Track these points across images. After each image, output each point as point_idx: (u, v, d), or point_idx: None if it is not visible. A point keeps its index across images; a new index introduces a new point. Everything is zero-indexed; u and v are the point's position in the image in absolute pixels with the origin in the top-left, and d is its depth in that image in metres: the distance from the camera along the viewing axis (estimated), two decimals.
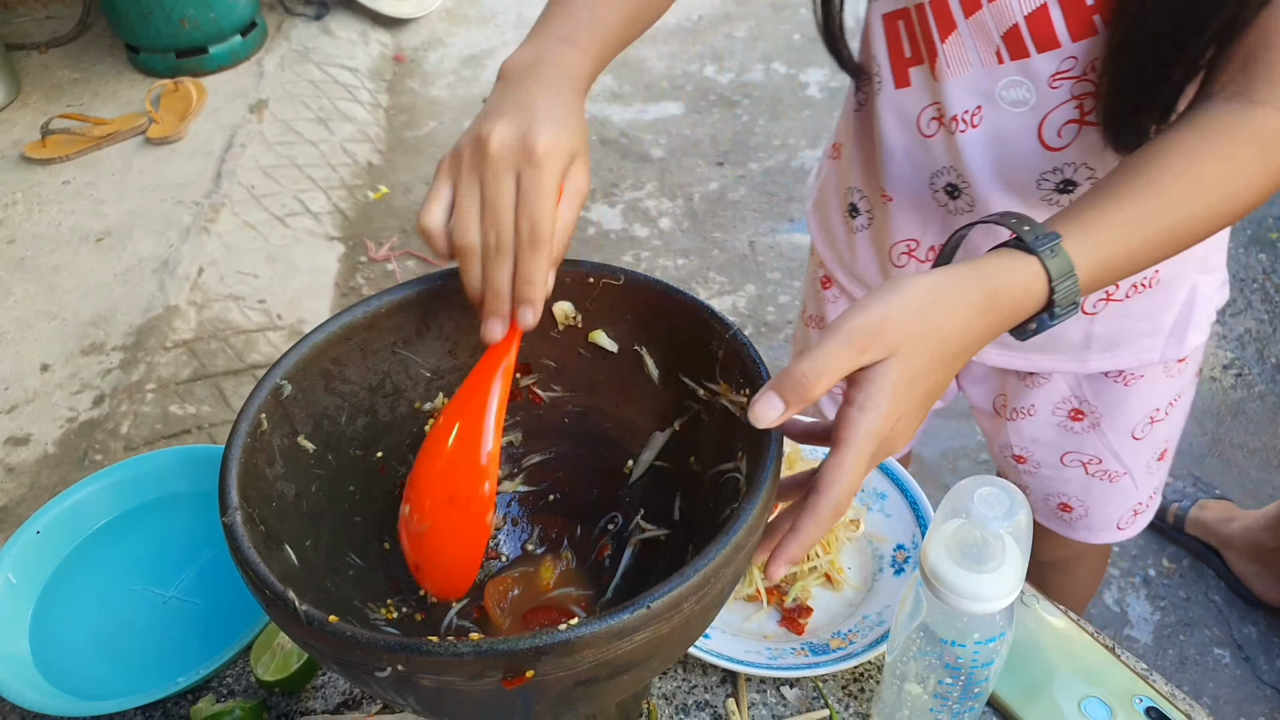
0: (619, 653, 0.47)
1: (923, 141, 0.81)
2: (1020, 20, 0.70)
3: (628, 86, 3.28)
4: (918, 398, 0.53)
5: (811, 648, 0.75)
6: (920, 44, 0.77)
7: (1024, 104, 0.74)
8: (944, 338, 0.53)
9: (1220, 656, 1.69)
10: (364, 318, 0.64)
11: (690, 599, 0.47)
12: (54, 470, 1.91)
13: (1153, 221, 0.60)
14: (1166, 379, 0.93)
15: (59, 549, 0.82)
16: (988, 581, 0.57)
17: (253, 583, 0.50)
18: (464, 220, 0.55)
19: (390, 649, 0.45)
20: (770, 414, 0.50)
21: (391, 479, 0.69)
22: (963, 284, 0.54)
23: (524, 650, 0.44)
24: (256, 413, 0.58)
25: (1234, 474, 1.99)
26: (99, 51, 3.12)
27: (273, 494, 0.58)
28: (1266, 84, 0.62)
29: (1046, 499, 1.05)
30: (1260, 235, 2.57)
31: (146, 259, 2.34)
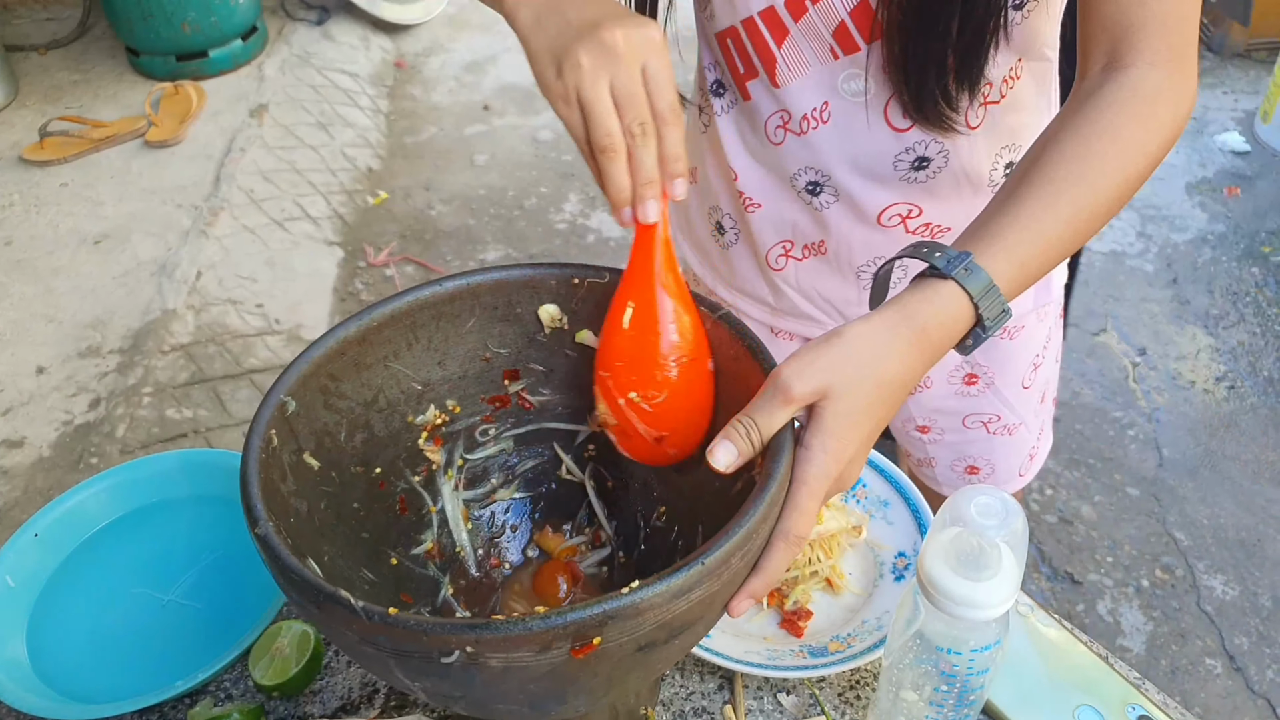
0: (676, 612, 0.48)
1: (774, 150, 0.83)
2: (845, 17, 0.72)
3: None
4: (864, 436, 0.56)
5: (810, 650, 0.75)
6: (753, 57, 0.78)
7: (864, 93, 0.76)
8: (881, 379, 0.56)
9: (1212, 667, 1.70)
10: (357, 331, 0.65)
11: (737, 554, 0.50)
12: (49, 474, 1.90)
13: (1057, 212, 0.61)
14: (1039, 324, 0.96)
15: (57, 552, 0.82)
16: (984, 589, 0.57)
17: (298, 588, 0.49)
18: (605, 121, 0.56)
19: (459, 630, 0.45)
20: (726, 459, 0.55)
21: (390, 494, 0.69)
22: (891, 328, 0.57)
23: (593, 616, 0.45)
24: (266, 428, 0.58)
25: (1227, 486, 2.00)
26: (99, 54, 3.12)
27: (289, 509, 0.58)
28: (1129, 46, 0.64)
29: (953, 465, 1.07)
30: (1253, 249, 2.59)
31: (145, 262, 2.35)
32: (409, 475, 0.71)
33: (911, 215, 0.83)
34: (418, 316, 0.67)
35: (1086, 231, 0.63)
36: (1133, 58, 0.64)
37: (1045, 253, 0.62)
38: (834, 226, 0.85)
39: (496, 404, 0.73)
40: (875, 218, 0.83)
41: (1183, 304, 2.44)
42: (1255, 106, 3.07)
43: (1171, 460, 2.05)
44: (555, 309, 0.70)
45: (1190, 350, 2.31)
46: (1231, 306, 2.42)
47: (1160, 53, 0.64)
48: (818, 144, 0.80)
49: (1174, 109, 0.65)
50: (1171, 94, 0.64)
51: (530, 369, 0.72)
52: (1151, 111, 0.64)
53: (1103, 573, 1.85)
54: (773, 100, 0.80)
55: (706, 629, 0.56)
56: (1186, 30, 0.65)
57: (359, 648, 0.50)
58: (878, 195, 0.82)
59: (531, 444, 0.75)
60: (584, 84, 0.56)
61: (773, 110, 0.81)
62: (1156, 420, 2.14)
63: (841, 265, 0.89)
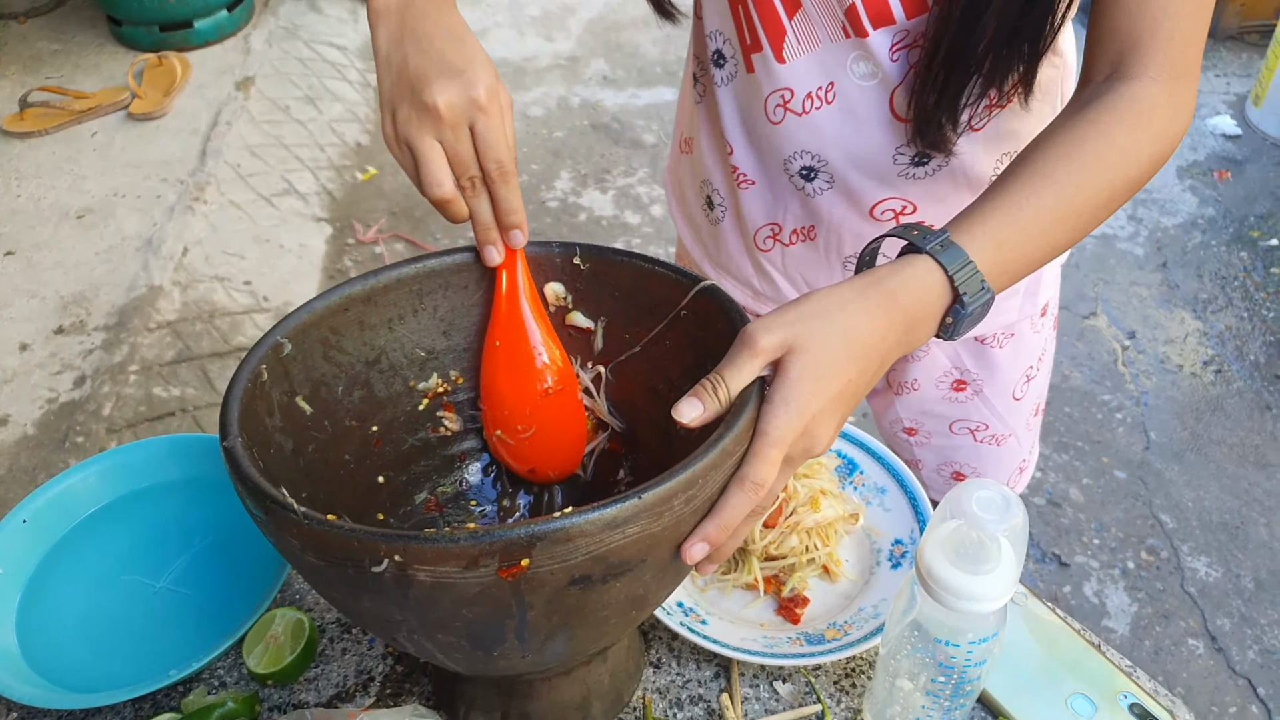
0: (612, 545, 0.48)
1: (772, 128, 0.81)
2: (857, 0, 0.71)
3: (620, 71, 3.26)
4: (832, 395, 0.55)
5: (807, 638, 0.75)
6: (759, 29, 0.77)
7: (873, 77, 0.75)
8: (848, 336, 0.55)
9: (1194, 648, 1.72)
10: (363, 291, 0.66)
11: (679, 496, 0.49)
12: (34, 452, 1.89)
13: (1043, 203, 0.61)
14: (1034, 335, 0.96)
15: (47, 538, 0.81)
16: (983, 583, 0.57)
17: (252, 494, 0.50)
18: (438, 175, 0.61)
19: (388, 539, 0.46)
20: (691, 413, 0.54)
21: (385, 455, 0.70)
22: (859, 289, 0.57)
23: (520, 537, 0.46)
24: (257, 363, 0.59)
25: (1212, 469, 2.02)
26: (79, 23, 3.06)
27: (271, 442, 0.59)
28: (1135, 59, 0.65)
29: (940, 470, 1.07)
30: (1241, 234, 2.60)
31: (130, 237, 2.31)
32: (408, 438, 0.71)
33: (905, 212, 0.82)
34: (425, 284, 0.68)
35: (1072, 229, 0.63)
36: (1138, 70, 0.65)
37: (1028, 241, 0.61)
38: (825, 214, 0.85)
39: None
40: (868, 210, 0.82)
41: (1172, 288, 2.45)
42: (1247, 90, 3.07)
43: (1158, 443, 2.07)
44: (560, 287, 0.70)
45: (1179, 334, 2.32)
46: (1220, 291, 2.43)
47: (1164, 69, 0.64)
48: (818, 126, 0.79)
49: (1170, 124, 0.65)
50: (1170, 109, 0.65)
51: None
52: (1148, 122, 0.64)
53: (1089, 555, 1.87)
54: (776, 77, 0.78)
55: (655, 580, 0.55)
56: (1192, 50, 0.65)
57: (302, 557, 0.51)
58: (873, 187, 0.81)
59: None
60: (412, 137, 0.60)
61: (775, 87, 0.79)
62: (1144, 403, 2.16)
63: (829, 254, 0.88)
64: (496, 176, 0.62)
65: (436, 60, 0.60)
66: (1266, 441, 2.07)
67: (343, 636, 0.78)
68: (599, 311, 0.70)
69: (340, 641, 0.77)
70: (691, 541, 0.54)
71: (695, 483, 0.50)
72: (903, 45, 0.73)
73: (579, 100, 3.13)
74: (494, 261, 0.66)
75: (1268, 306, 2.37)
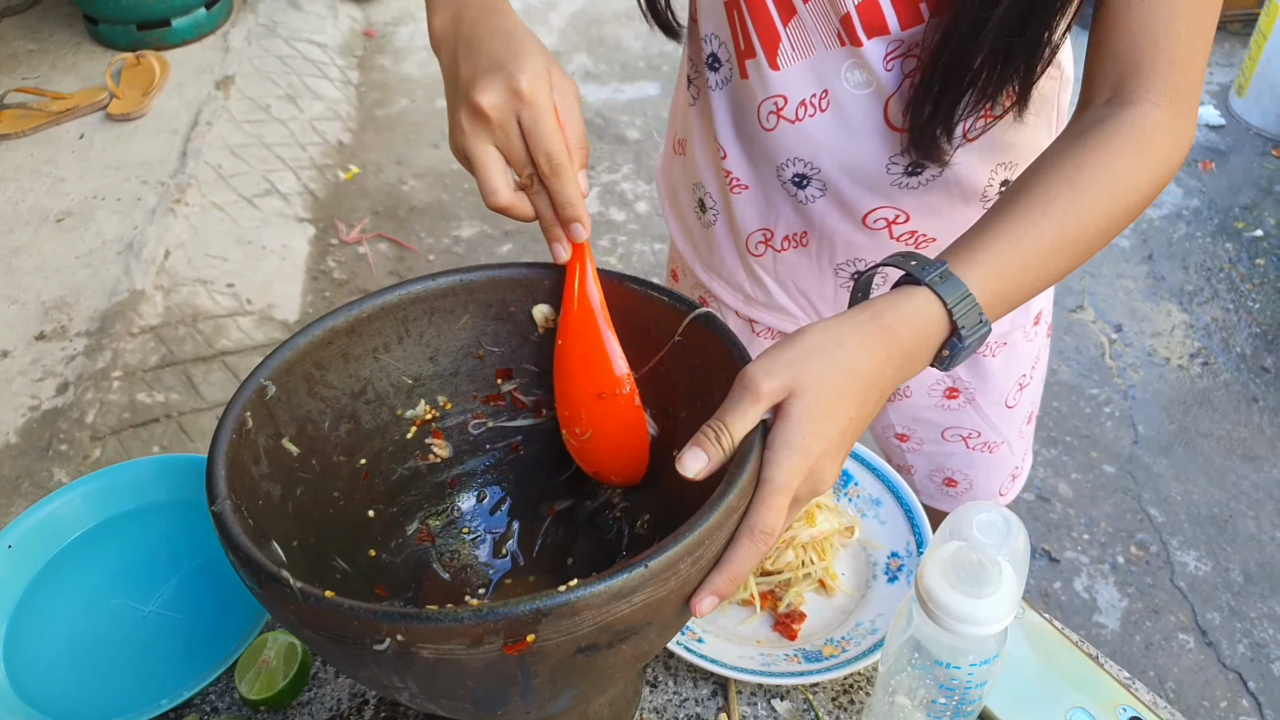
0: (618, 615, 0.47)
1: (765, 134, 0.80)
2: (851, 9, 0.70)
3: (603, 66, 3.24)
4: (834, 433, 0.54)
5: (804, 654, 0.75)
6: (754, 35, 0.76)
7: (867, 85, 0.74)
8: (848, 374, 0.54)
9: (1185, 642, 1.73)
10: (345, 322, 0.64)
11: (686, 560, 0.49)
12: (17, 460, 1.86)
13: (1042, 232, 0.61)
14: (1026, 343, 0.96)
15: (32, 563, 0.80)
16: (984, 606, 0.57)
17: (245, 565, 0.49)
18: (490, 183, 0.60)
19: (390, 618, 0.45)
20: (695, 466, 0.53)
21: (373, 488, 0.68)
22: (856, 323, 0.56)
23: (525, 613, 0.45)
24: (241, 410, 0.57)
25: (1200, 463, 2.03)
26: (56, 22, 3.01)
27: (259, 491, 0.58)
28: (1136, 83, 0.64)
29: (931, 476, 1.07)
30: (1226, 225, 2.61)
31: (110, 240, 2.28)
32: (396, 469, 0.70)
33: (898, 221, 0.81)
34: (410, 310, 0.67)
35: (1071, 256, 0.63)
36: (1139, 95, 0.64)
37: (1026, 272, 0.61)
38: (818, 221, 0.84)
39: (489, 402, 0.72)
40: (861, 218, 0.82)
41: (1158, 280, 2.46)
42: (1230, 79, 3.09)
43: (1146, 437, 2.08)
44: (549, 309, 0.69)
45: (1165, 326, 2.33)
46: (1206, 282, 2.44)
47: (1166, 93, 0.64)
48: (811, 134, 0.78)
49: (1171, 150, 0.64)
50: (1171, 135, 0.64)
51: (524, 369, 0.71)
52: (1149, 149, 0.63)
53: (1079, 550, 1.88)
54: (770, 83, 0.77)
55: (661, 636, 0.55)
56: (1193, 74, 0.64)
57: (301, 631, 0.50)
58: (866, 196, 0.80)
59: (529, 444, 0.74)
60: (467, 146, 0.59)
61: (768, 94, 0.78)
62: (1132, 397, 2.17)
63: (821, 260, 0.87)
64: (547, 170, 0.59)
65: (484, 61, 0.59)
66: (1254, 434, 2.08)
67: None
68: None
69: (333, 666, 0.76)
70: (701, 595, 0.53)
71: (701, 543, 0.49)
72: (897, 55, 0.72)
73: None
74: (560, 259, 0.64)
75: (1253, 298, 2.39)
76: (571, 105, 0.60)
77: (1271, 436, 2.07)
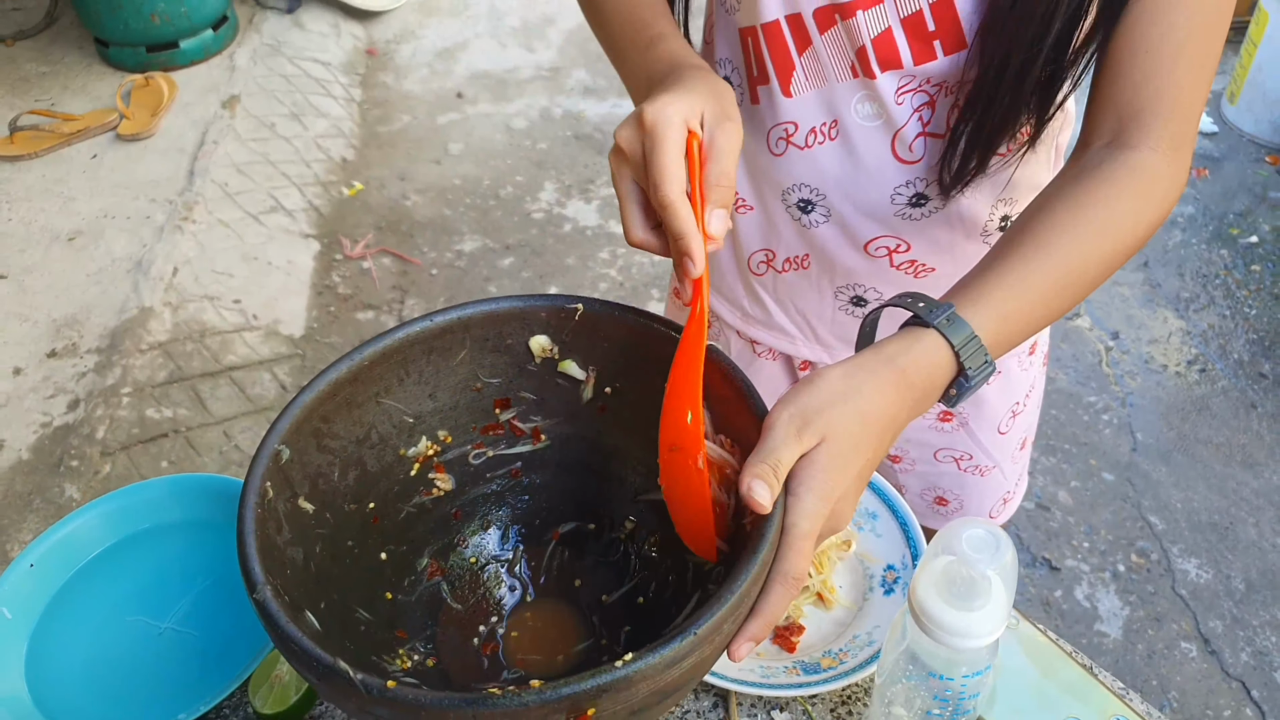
0: (669, 680, 0.49)
1: (773, 159, 0.82)
2: (867, 42, 0.72)
3: (601, 81, 3.27)
4: (853, 477, 0.57)
5: (803, 666, 0.77)
6: (768, 62, 0.77)
7: (876, 118, 0.76)
8: (867, 420, 0.57)
9: (1187, 650, 1.74)
10: (348, 372, 0.65)
11: (729, 620, 0.51)
12: (29, 477, 1.89)
13: (1044, 275, 0.63)
14: (1021, 372, 0.98)
15: (52, 582, 0.82)
16: (975, 619, 0.59)
17: (299, 659, 0.50)
18: (625, 223, 0.61)
19: (456, 705, 0.46)
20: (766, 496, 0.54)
21: (383, 530, 0.70)
22: (873, 370, 0.58)
23: (587, 690, 0.46)
24: (261, 481, 0.58)
25: (1199, 469, 2.04)
26: (67, 45, 3.06)
27: (286, 561, 0.59)
28: (1137, 129, 0.66)
29: (923, 494, 1.09)
30: (1221, 231, 2.63)
31: (120, 259, 2.31)
32: (402, 508, 0.71)
33: (899, 250, 0.83)
34: (409, 352, 0.68)
35: (1070, 298, 0.65)
36: (1139, 140, 0.66)
37: (1030, 312, 0.63)
38: (820, 246, 0.86)
39: (488, 431, 0.74)
40: (863, 245, 0.84)
41: (1154, 287, 2.48)
42: (1222, 87, 3.11)
43: (1145, 445, 2.09)
44: (546, 339, 0.70)
45: (1162, 334, 2.35)
46: (1202, 289, 2.46)
47: (1164, 139, 0.66)
48: (819, 161, 0.80)
49: (1167, 194, 0.66)
50: (1168, 180, 0.66)
51: (521, 397, 0.73)
52: (1148, 193, 0.65)
53: (1080, 558, 1.89)
54: (781, 110, 0.79)
55: (694, 685, 0.57)
56: (1192, 122, 0.67)
57: (365, 713, 0.50)
58: (869, 225, 0.82)
59: (531, 471, 0.76)
60: (615, 186, 0.61)
61: (779, 120, 0.80)
62: (1130, 404, 2.18)
63: (821, 283, 0.89)
64: (656, 202, 0.57)
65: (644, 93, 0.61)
66: (1253, 440, 2.09)
67: None
68: (588, 362, 0.71)
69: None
70: (739, 644, 0.55)
71: (742, 602, 0.51)
72: (908, 90, 0.74)
73: (561, 111, 3.14)
74: (681, 297, 0.60)
75: (1249, 304, 2.40)
76: (721, 141, 0.59)
77: (1270, 443, 2.09)
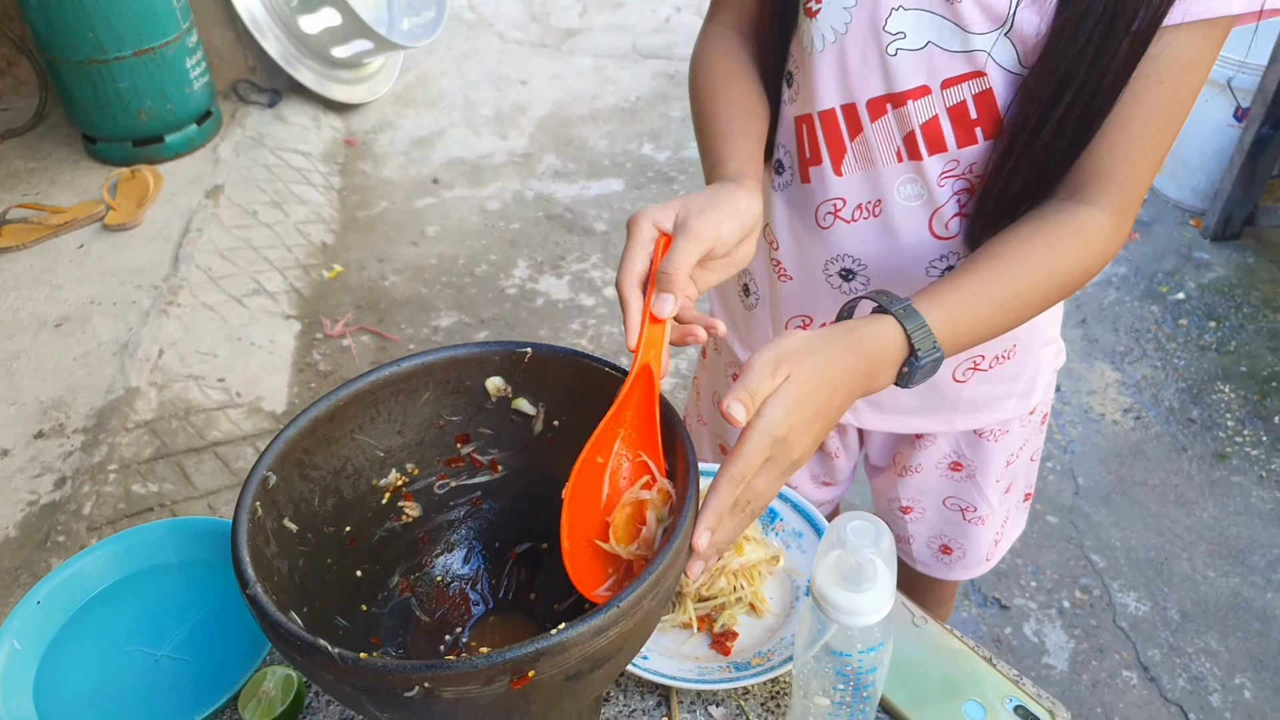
0: (598, 647, 0.59)
1: (819, 233, 0.94)
2: (917, 128, 0.84)
3: (571, 165, 3.46)
4: (809, 416, 0.68)
5: (735, 666, 0.86)
6: (821, 145, 0.89)
7: (918, 199, 0.88)
8: (827, 372, 0.69)
9: (1129, 678, 1.83)
10: (326, 410, 0.75)
11: (647, 596, 0.61)
12: (15, 554, 1.95)
13: (994, 291, 0.77)
14: (1021, 429, 1.10)
15: (58, 616, 0.90)
16: (865, 599, 0.69)
17: (284, 639, 0.59)
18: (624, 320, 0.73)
19: (418, 669, 0.55)
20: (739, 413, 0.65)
21: (358, 551, 0.79)
22: (834, 337, 0.71)
23: (527, 654, 0.56)
24: (252, 501, 0.68)
25: (1136, 510, 2.16)
26: (55, 141, 3.20)
27: (273, 570, 0.68)
28: (1094, 190, 0.80)
29: (929, 543, 1.19)
30: (1152, 289, 2.80)
31: (106, 342, 2.41)
32: (376, 531, 0.81)
33: None
34: (379, 394, 0.77)
35: (1015, 317, 0.79)
36: (1093, 198, 0.79)
37: (976, 318, 0.76)
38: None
39: (451, 464, 0.84)
40: None
41: (1092, 342, 2.63)
42: None
43: (1086, 488, 2.21)
44: (500, 380, 0.81)
45: (1099, 385, 2.49)
46: (1135, 343, 2.62)
47: (1114, 204, 0.79)
48: (863, 235, 0.91)
49: (1107, 247, 0.80)
50: (1109, 237, 0.80)
51: (479, 433, 0.83)
52: (1092, 242, 0.79)
53: (1028, 596, 1.99)
54: (831, 187, 0.90)
55: (626, 658, 0.66)
56: (1139, 193, 0.80)
57: (337, 687, 0.59)
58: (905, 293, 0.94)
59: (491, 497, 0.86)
60: None
61: (828, 196, 0.91)
62: (1071, 451, 2.31)
63: None
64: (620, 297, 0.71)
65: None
66: (1184, 481, 2.22)
67: None
68: (537, 399, 0.81)
69: (325, 695, 0.87)
70: (698, 533, 0.65)
71: (659, 581, 0.61)
72: (951, 175, 0.86)
73: (533, 193, 3.31)
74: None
75: (1178, 356, 2.56)
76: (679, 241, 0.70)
77: (1201, 483, 2.21)
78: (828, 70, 0.85)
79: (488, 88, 3.89)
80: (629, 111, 3.73)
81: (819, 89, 0.86)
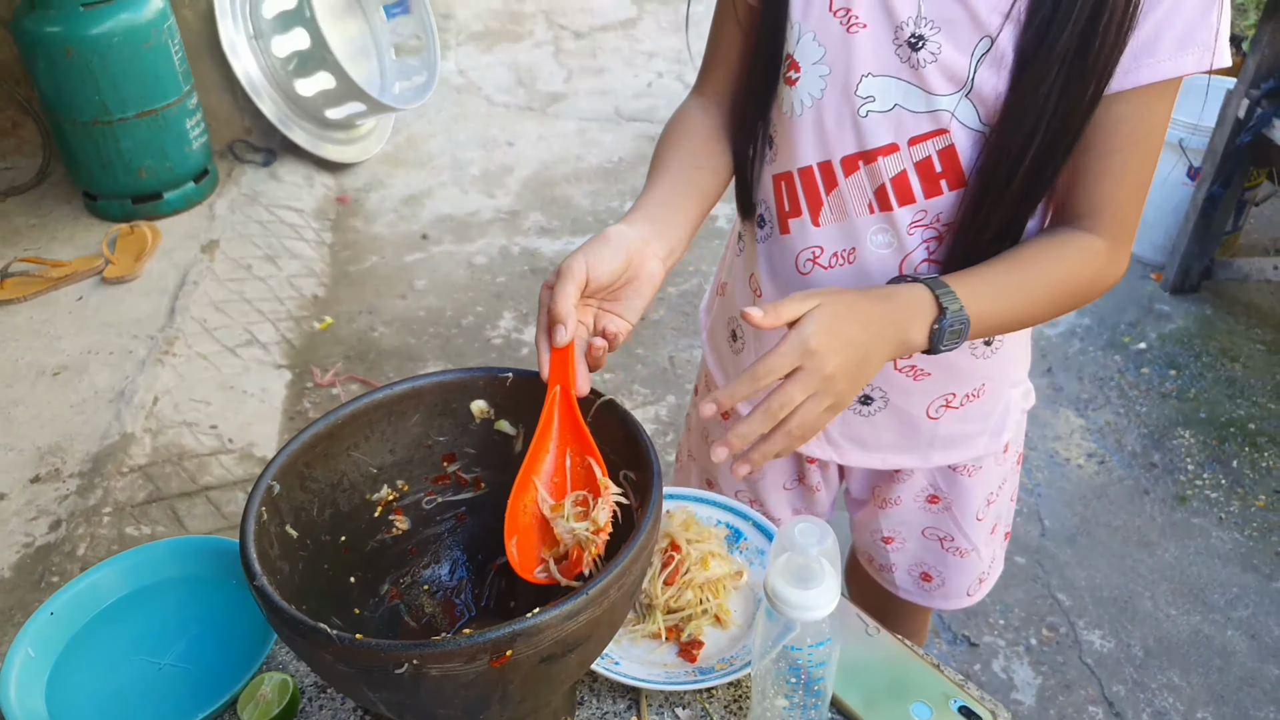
0: (569, 631, 0.65)
1: (800, 279, 1.00)
2: (887, 181, 0.93)
3: (555, 222, 3.58)
4: (841, 338, 0.76)
5: (700, 671, 0.93)
6: (800, 199, 0.96)
7: (888, 246, 0.97)
8: (859, 304, 0.79)
9: (1094, 714, 1.89)
10: (325, 429, 0.82)
11: (614, 587, 0.67)
12: (10, 594, 1.99)
13: (1010, 289, 0.87)
14: (996, 467, 1.17)
15: (70, 627, 0.96)
16: (813, 595, 0.77)
17: (288, 623, 0.65)
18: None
19: (407, 648, 0.62)
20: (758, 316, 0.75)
21: (352, 560, 0.86)
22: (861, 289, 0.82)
23: (504, 635, 0.63)
24: (259, 506, 0.75)
25: (1100, 550, 2.24)
26: (56, 199, 3.30)
27: (275, 569, 0.75)
28: (1093, 222, 0.90)
29: (910, 570, 1.26)
30: (1115, 339, 2.92)
31: (103, 390, 2.48)
32: (368, 543, 0.88)
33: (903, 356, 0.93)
34: (373, 415, 0.85)
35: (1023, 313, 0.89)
36: (1094, 228, 0.89)
37: (992, 303, 0.85)
38: None
39: (438, 481, 0.91)
40: None
41: (1057, 390, 2.74)
42: None
43: (1053, 530, 2.29)
44: (484, 403, 0.88)
45: (1065, 431, 2.59)
46: (1098, 391, 2.72)
47: (1110, 232, 0.89)
48: (841, 280, 0.98)
49: (1108, 267, 0.90)
50: (1110, 259, 0.90)
51: (464, 452, 0.90)
52: (1093, 261, 0.90)
53: (996, 634, 2.05)
54: (810, 236, 0.97)
55: (597, 647, 0.73)
56: (1131, 222, 0.90)
57: (334, 667, 0.66)
58: None
59: (473, 513, 0.93)
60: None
61: (807, 245, 0.98)
62: (1038, 494, 2.39)
63: None
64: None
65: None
66: (1146, 522, 2.30)
67: (320, 695, 0.93)
68: (518, 420, 0.89)
69: (319, 699, 0.93)
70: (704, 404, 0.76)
71: (624, 574, 0.68)
72: (919, 224, 0.93)
73: (519, 249, 3.42)
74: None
75: (1140, 403, 2.66)
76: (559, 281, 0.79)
77: (1162, 524, 2.29)
78: (806, 132, 0.94)
79: (476, 149, 4.03)
80: (611, 171, 3.87)
81: (798, 149, 0.95)
